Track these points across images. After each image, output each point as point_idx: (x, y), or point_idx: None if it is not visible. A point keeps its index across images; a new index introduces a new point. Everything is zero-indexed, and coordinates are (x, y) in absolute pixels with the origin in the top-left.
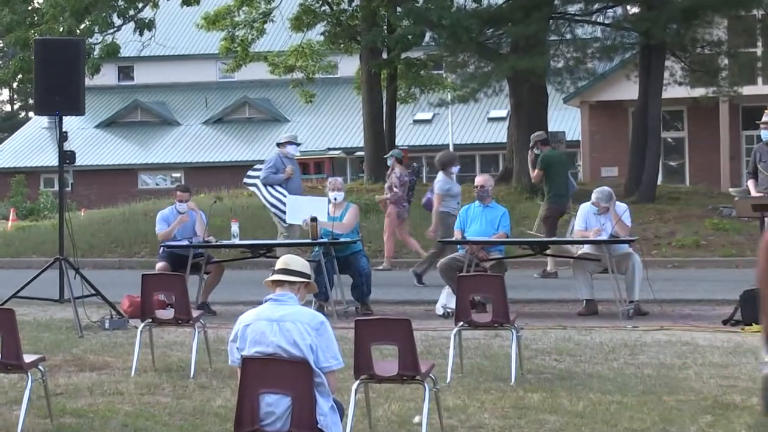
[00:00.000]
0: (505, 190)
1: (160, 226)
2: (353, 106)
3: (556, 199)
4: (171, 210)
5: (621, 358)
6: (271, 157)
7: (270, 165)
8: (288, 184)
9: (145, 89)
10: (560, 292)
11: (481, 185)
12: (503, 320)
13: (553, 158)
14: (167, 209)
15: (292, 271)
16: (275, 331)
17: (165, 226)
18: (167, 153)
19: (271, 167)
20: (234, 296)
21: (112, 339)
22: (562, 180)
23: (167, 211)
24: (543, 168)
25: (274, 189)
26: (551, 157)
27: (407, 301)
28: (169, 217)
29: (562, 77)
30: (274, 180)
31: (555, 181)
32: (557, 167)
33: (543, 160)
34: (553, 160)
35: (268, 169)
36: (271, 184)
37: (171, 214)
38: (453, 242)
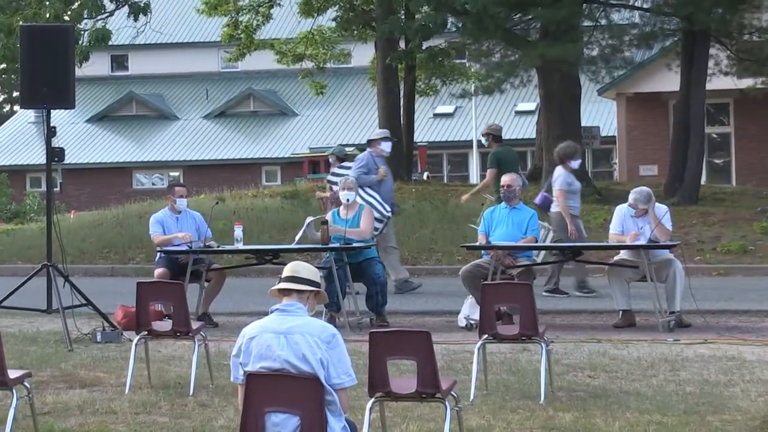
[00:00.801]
0: (534, 190)
1: (154, 229)
2: (368, 99)
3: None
4: (165, 213)
5: (661, 374)
6: (362, 156)
7: (361, 164)
8: (380, 186)
9: (141, 80)
10: (594, 302)
11: (507, 185)
12: (531, 332)
13: (506, 155)
14: (160, 212)
15: (300, 278)
16: (282, 344)
17: (160, 228)
18: (164, 150)
19: (363, 167)
20: (237, 306)
21: (105, 353)
22: None
23: (161, 214)
24: (495, 166)
25: (364, 191)
26: (503, 153)
27: (426, 312)
28: (163, 220)
29: (596, 66)
30: (365, 181)
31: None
32: (509, 165)
33: (494, 157)
34: (505, 158)
35: (359, 168)
36: (361, 185)
37: (165, 217)
38: (477, 247)
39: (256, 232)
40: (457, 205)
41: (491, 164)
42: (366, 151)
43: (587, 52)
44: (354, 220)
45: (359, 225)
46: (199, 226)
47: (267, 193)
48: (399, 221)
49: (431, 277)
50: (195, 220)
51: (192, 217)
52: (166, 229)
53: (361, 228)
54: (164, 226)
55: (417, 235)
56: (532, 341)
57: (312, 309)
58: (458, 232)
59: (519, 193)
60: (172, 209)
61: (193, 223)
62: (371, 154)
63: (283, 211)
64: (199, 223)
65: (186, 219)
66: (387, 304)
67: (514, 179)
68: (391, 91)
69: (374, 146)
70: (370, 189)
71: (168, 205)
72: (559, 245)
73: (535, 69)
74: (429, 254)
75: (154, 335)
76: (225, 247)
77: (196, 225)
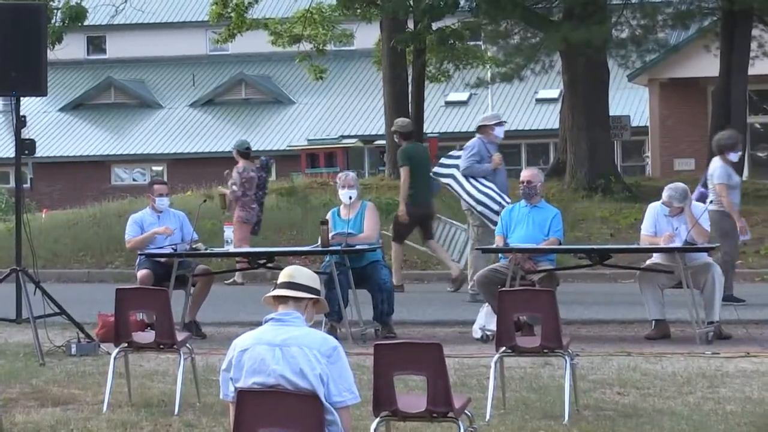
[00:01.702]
0: (557, 186)
1: (130, 231)
2: (372, 85)
3: (416, 199)
4: (146, 213)
5: (698, 391)
6: (472, 143)
7: (473, 152)
8: (495, 176)
9: (120, 64)
10: (623, 311)
11: (527, 181)
12: (554, 345)
13: (416, 152)
14: (140, 212)
15: (298, 285)
16: (278, 357)
17: (137, 231)
18: (146, 142)
19: (474, 155)
20: (227, 316)
21: (80, 367)
22: (423, 178)
23: (141, 214)
24: (407, 163)
25: (478, 182)
26: (413, 150)
27: (438, 322)
28: (143, 221)
29: (626, 50)
30: (478, 171)
31: (416, 179)
32: (419, 163)
33: (405, 154)
34: (416, 155)
35: (470, 157)
36: (474, 176)
37: (146, 218)
38: (493, 250)
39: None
40: None
41: (401, 161)
42: (476, 137)
43: (616, 33)
44: (356, 220)
45: (362, 227)
46: (183, 227)
47: None
48: None
49: (442, 283)
50: (179, 219)
51: (175, 217)
52: (144, 228)
53: (365, 233)
54: (143, 227)
55: None
56: (555, 354)
57: (311, 319)
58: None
59: (540, 190)
60: (152, 208)
61: (176, 223)
62: (482, 140)
63: (278, 210)
64: (184, 223)
65: (168, 219)
66: (394, 313)
67: (534, 174)
68: (399, 77)
69: (486, 132)
70: (484, 179)
71: (149, 204)
72: (584, 248)
73: (558, 53)
74: None
75: (135, 348)
76: (214, 249)
77: (179, 225)
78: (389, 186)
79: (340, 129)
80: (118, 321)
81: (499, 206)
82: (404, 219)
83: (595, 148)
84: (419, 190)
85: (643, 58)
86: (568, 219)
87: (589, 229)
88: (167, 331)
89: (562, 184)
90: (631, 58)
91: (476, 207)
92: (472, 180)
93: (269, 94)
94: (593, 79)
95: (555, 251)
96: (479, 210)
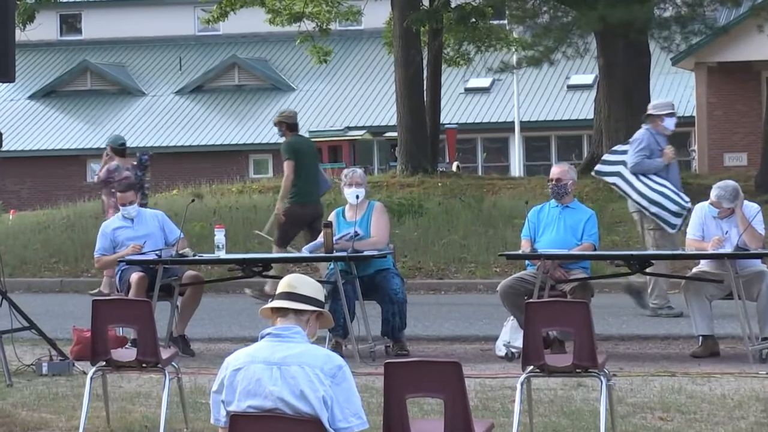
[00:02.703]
0: (592, 185)
1: (100, 245)
2: (382, 70)
3: (302, 198)
4: (117, 219)
5: (751, 415)
6: (640, 135)
7: (641, 146)
8: (668, 172)
9: (97, 46)
10: (667, 325)
11: (557, 178)
12: (588, 363)
13: (303, 146)
14: (112, 219)
15: (299, 295)
16: (276, 378)
17: (108, 244)
18: (127, 134)
19: (643, 149)
20: (218, 330)
21: (52, 389)
22: (312, 175)
23: (112, 222)
24: (293, 158)
25: (650, 180)
26: (300, 144)
27: (456, 338)
28: (114, 230)
29: (670, 31)
30: (649, 167)
31: (302, 175)
32: (306, 158)
33: (290, 147)
34: (302, 148)
35: (639, 152)
36: (644, 173)
37: (116, 225)
38: (519, 257)
39: (242, 237)
40: (494, 203)
41: (286, 155)
42: (643, 128)
43: (659, 12)
44: (363, 223)
45: (370, 230)
46: (164, 227)
47: (256, 188)
48: (422, 224)
49: (462, 294)
50: (156, 220)
51: (153, 218)
52: (118, 241)
53: (373, 237)
54: (114, 238)
55: (444, 241)
56: (590, 374)
57: (313, 334)
58: (495, 238)
59: (572, 188)
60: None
61: (153, 226)
62: (650, 131)
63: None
64: (164, 224)
65: (143, 223)
66: (406, 328)
67: (565, 171)
68: (412, 61)
69: (654, 122)
70: (656, 176)
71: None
72: (622, 254)
73: (593, 34)
74: (459, 265)
75: (114, 366)
76: (203, 256)
77: (159, 227)
78: (401, 184)
79: (345, 119)
80: (95, 336)
81: (677, 206)
82: (282, 219)
83: None
84: (307, 188)
85: (688, 40)
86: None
87: (627, 233)
88: (150, 347)
89: (597, 181)
90: (675, 40)
91: (650, 208)
92: (642, 178)
93: (266, 79)
94: (633, 63)
95: (589, 257)
96: (653, 212)
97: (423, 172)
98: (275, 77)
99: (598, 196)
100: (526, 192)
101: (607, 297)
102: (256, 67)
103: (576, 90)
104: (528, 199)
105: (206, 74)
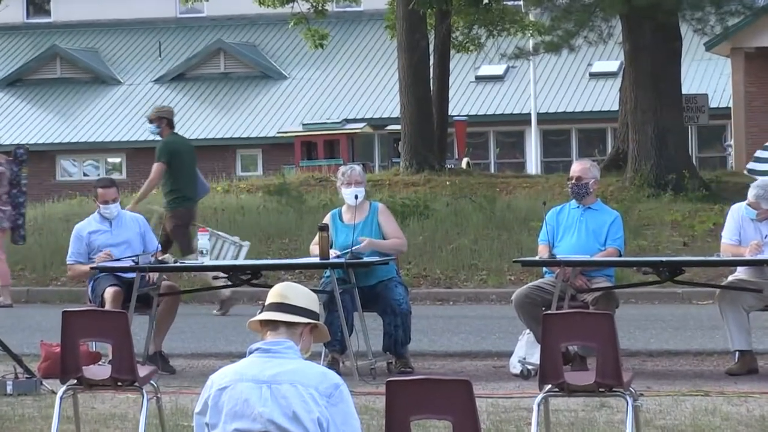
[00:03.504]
0: (617, 183)
1: (74, 249)
2: (384, 56)
3: (185, 201)
4: (93, 221)
5: None
6: None
7: None
8: None
9: (68, 30)
10: (700, 340)
11: (577, 176)
12: (613, 382)
13: (181, 146)
14: (86, 221)
15: (291, 306)
16: (265, 398)
17: (82, 249)
18: (101, 127)
19: None
20: (201, 345)
21: (18, 409)
22: (191, 177)
23: (86, 224)
24: (166, 159)
25: None
26: (178, 144)
27: (466, 353)
28: (90, 234)
29: (703, 12)
30: None
31: (182, 178)
32: (186, 159)
33: (166, 148)
34: (180, 149)
35: None
36: None
37: (92, 228)
38: (536, 263)
39: None
40: (508, 204)
41: (161, 157)
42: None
43: None
44: (365, 228)
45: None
46: (144, 234)
47: (243, 187)
48: (428, 227)
49: (472, 305)
50: (137, 224)
51: (133, 222)
52: (94, 246)
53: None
54: (90, 243)
55: (453, 246)
56: (614, 394)
57: (307, 349)
58: (510, 242)
59: (594, 188)
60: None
61: (133, 230)
62: None
63: (265, 213)
64: (145, 231)
65: (122, 226)
66: (411, 342)
67: (586, 168)
68: (417, 46)
69: None
70: None
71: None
72: (651, 260)
73: (618, 17)
74: (469, 272)
75: (87, 385)
76: (185, 262)
77: (139, 232)
78: (405, 182)
79: (343, 111)
80: (65, 351)
81: None
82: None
83: (665, 135)
84: (189, 190)
85: (724, 22)
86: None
87: (656, 237)
88: (127, 364)
89: (623, 180)
90: (709, 22)
91: None
92: None
93: (254, 67)
94: (662, 48)
95: (613, 264)
96: None
97: (429, 170)
98: (265, 64)
99: (623, 196)
100: (544, 191)
101: (633, 308)
102: (244, 52)
103: (599, 78)
104: (546, 200)
105: (188, 61)
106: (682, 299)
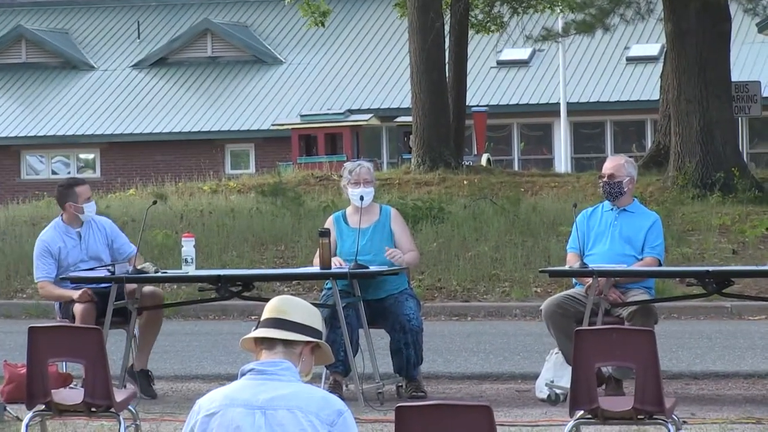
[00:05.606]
0: (657, 183)
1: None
2: (393, 38)
3: None
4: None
5: None
6: None
7: None
8: None
9: (34, 9)
10: (751, 360)
11: (610, 174)
12: (653, 408)
13: None
14: (49, 230)
15: (290, 323)
16: (259, 425)
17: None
18: (71, 118)
19: None
20: (186, 366)
21: None
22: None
23: (50, 234)
24: None
25: None
26: None
27: (486, 375)
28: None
29: None
30: None
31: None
32: None
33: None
34: None
35: None
36: None
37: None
38: (565, 273)
39: (216, 249)
40: (534, 206)
41: None
42: None
43: None
44: (375, 235)
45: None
46: (113, 242)
47: (234, 187)
48: (443, 232)
49: (493, 320)
50: (105, 231)
51: (100, 229)
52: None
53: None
54: (61, 257)
55: (472, 253)
56: (655, 421)
57: (308, 371)
58: (535, 250)
59: (630, 187)
60: (68, 221)
61: (101, 238)
62: None
63: (259, 216)
64: (113, 237)
65: (92, 235)
66: (423, 363)
67: (621, 164)
68: (431, 27)
69: None
70: None
71: (60, 216)
72: (695, 270)
73: None
74: (490, 284)
75: (57, 411)
76: (168, 272)
77: (106, 241)
78: (417, 181)
79: (347, 100)
80: (32, 373)
81: None
82: None
83: (711, 128)
84: None
85: None
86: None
87: (702, 244)
88: (101, 387)
89: (664, 179)
90: (762, 1)
91: None
92: None
93: (246, 50)
94: (709, 30)
95: (653, 275)
96: None
97: (444, 167)
98: (258, 47)
99: (664, 198)
100: (575, 192)
101: (675, 324)
102: (234, 34)
103: (637, 63)
104: (577, 201)
105: (171, 43)
106: (731, 314)
